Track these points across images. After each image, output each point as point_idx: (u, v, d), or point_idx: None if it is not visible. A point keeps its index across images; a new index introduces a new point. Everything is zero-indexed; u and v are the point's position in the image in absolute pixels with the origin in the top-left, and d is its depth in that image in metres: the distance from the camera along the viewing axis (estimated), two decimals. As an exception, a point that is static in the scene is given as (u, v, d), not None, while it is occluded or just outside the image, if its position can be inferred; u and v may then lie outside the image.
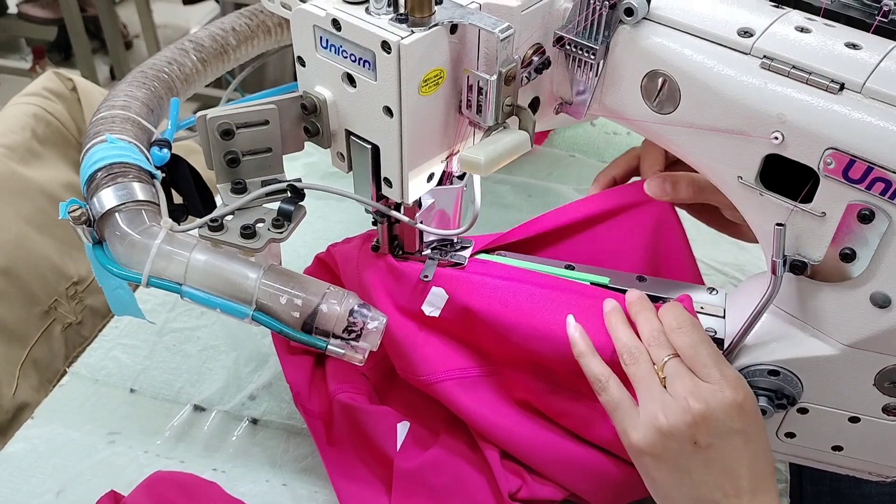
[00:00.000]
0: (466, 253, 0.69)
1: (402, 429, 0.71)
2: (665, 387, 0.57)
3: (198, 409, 0.80)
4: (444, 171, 0.63)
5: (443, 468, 0.69)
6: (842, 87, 0.51)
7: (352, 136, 0.59)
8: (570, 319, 0.63)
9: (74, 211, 0.55)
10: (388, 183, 0.59)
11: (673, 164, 0.74)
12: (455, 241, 0.69)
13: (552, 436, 0.67)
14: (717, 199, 0.68)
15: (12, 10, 2.84)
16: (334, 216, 1.01)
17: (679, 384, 0.56)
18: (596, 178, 0.77)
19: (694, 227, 0.74)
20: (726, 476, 0.56)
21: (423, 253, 0.68)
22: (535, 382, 0.67)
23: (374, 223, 0.67)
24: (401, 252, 0.68)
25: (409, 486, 0.68)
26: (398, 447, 0.70)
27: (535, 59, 0.60)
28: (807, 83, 0.52)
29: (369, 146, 0.58)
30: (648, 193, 0.70)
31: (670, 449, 0.56)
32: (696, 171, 0.67)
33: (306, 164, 1.08)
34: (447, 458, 0.70)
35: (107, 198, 0.56)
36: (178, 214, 0.62)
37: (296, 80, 0.61)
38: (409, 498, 0.68)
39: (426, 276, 0.67)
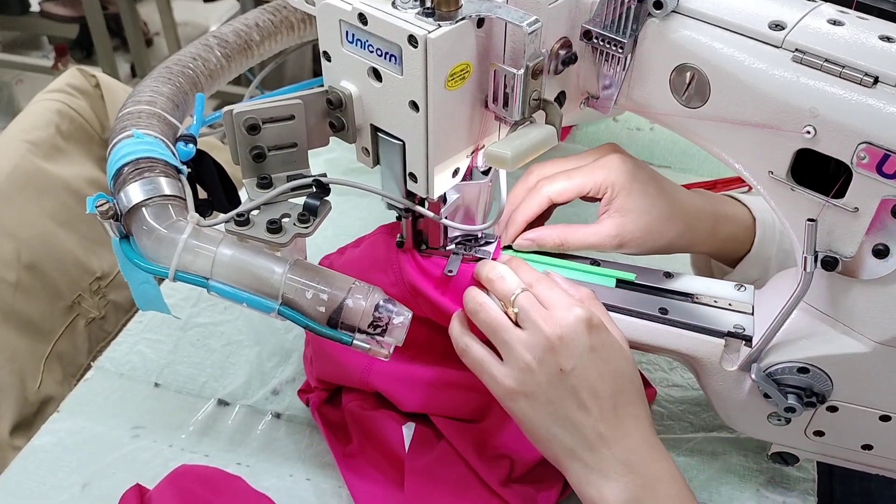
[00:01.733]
0: (491, 248, 0.68)
1: (408, 431, 0.72)
2: (518, 324, 0.59)
3: (222, 403, 0.80)
4: (468, 167, 0.62)
5: (453, 461, 0.69)
6: (876, 80, 0.50)
7: (380, 132, 0.59)
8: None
9: (102, 205, 0.56)
10: (414, 178, 0.59)
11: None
12: (479, 236, 0.69)
13: None
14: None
15: (35, 8, 2.86)
16: (354, 212, 1.01)
17: (533, 314, 0.58)
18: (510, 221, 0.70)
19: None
20: (593, 398, 0.57)
21: (448, 248, 0.68)
22: None
23: (399, 218, 0.67)
24: (425, 247, 0.68)
25: (422, 484, 0.69)
26: (406, 449, 0.71)
27: (562, 52, 0.59)
28: (840, 77, 0.51)
29: (400, 143, 0.58)
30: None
31: (541, 383, 0.57)
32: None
33: (328, 159, 1.08)
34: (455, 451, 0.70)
35: (134, 192, 0.56)
36: (202, 209, 0.62)
37: (315, 76, 0.61)
38: (425, 498, 0.68)
39: (450, 272, 0.66)
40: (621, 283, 0.67)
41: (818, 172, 0.54)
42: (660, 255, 0.70)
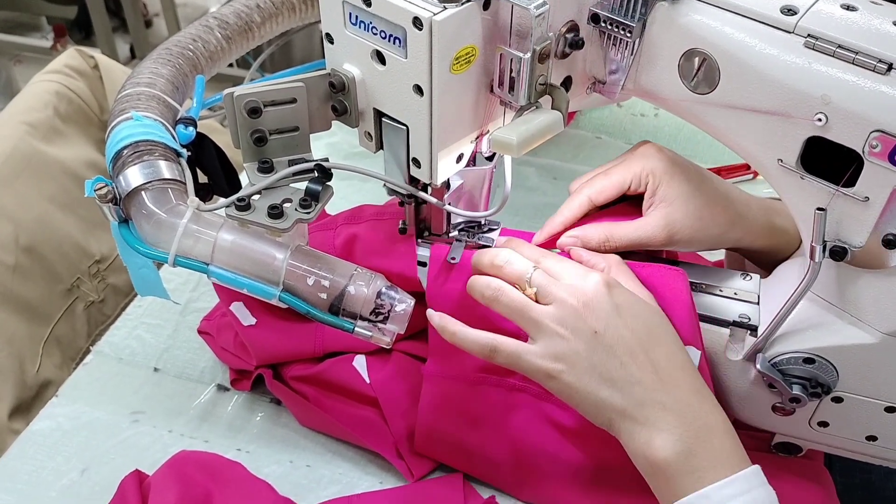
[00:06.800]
0: (494, 235, 0.68)
1: (360, 363, 0.73)
2: (537, 300, 0.58)
3: (221, 388, 0.79)
4: (473, 152, 0.62)
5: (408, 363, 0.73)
6: (890, 67, 0.49)
7: (384, 117, 0.58)
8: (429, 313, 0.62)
9: (100, 189, 0.55)
10: (417, 163, 0.58)
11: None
12: (482, 222, 0.68)
13: None
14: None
15: (33, -12, 2.83)
16: (356, 197, 1.00)
17: (553, 288, 0.58)
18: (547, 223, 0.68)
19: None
20: (630, 355, 0.57)
21: (451, 235, 0.67)
22: None
23: (401, 204, 0.66)
24: (427, 234, 0.68)
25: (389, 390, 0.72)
26: (367, 380, 0.72)
27: (569, 36, 0.58)
28: (853, 63, 0.50)
29: (405, 127, 0.57)
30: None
31: (579, 351, 0.57)
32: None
33: (329, 143, 1.07)
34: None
35: (133, 176, 0.56)
36: (202, 194, 0.61)
37: (323, 57, 0.60)
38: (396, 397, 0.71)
39: (453, 259, 0.66)
40: (626, 272, 0.66)
41: (828, 161, 0.53)
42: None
